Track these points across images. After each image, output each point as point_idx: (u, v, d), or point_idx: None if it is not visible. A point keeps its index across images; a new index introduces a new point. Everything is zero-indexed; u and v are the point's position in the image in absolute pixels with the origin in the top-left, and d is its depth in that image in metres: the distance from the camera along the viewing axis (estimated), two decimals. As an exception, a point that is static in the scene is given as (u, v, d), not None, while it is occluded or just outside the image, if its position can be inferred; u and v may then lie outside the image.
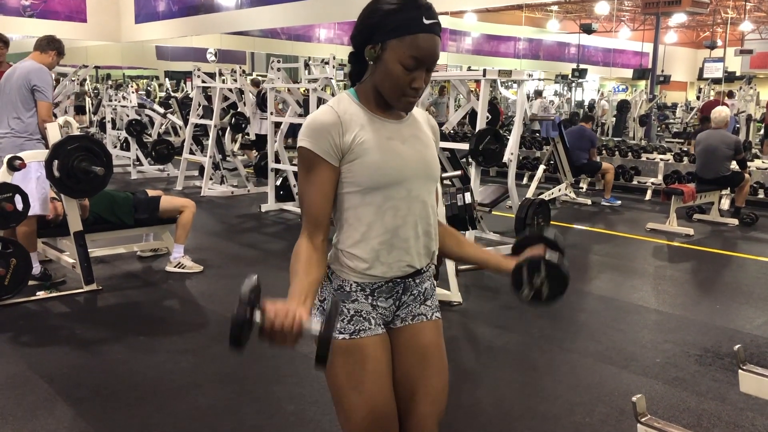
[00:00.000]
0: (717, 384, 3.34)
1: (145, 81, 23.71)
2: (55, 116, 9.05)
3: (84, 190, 4.26)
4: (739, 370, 2.24)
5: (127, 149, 10.16)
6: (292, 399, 3.09)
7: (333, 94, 7.12)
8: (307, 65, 7.18)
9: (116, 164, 8.49)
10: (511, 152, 5.65)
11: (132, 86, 11.22)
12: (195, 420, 2.93)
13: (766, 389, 2.16)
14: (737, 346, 2.25)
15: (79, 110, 12.12)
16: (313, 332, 1.34)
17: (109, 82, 18.46)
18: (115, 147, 10.70)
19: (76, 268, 4.58)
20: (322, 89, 7.06)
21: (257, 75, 23.20)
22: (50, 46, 4.84)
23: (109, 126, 10.75)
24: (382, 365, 1.61)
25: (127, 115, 10.07)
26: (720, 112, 7.19)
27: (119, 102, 10.31)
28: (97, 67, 15.48)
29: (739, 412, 3.05)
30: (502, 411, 3.06)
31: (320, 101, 7.10)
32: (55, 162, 4.24)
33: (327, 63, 7.06)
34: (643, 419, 1.87)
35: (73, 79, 11.02)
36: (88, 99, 13.47)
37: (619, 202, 8.49)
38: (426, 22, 1.48)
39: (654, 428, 1.85)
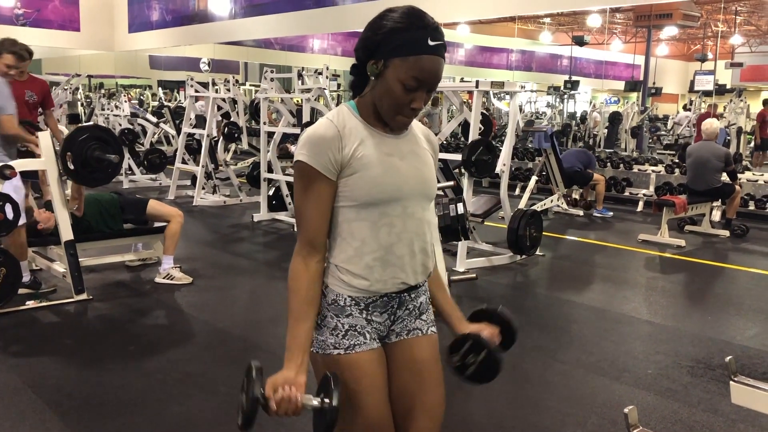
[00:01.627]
0: (709, 395, 3.34)
1: (138, 90, 23.67)
2: (47, 125, 9.00)
3: (99, 179, 4.21)
4: (731, 382, 2.24)
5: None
6: (283, 410, 3.07)
7: (327, 105, 7.13)
8: (300, 75, 7.18)
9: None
10: (503, 163, 5.66)
11: (124, 95, 11.19)
12: (186, 430, 2.90)
13: (758, 401, 2.16)
14: (729, 358, 2.24)
15: (73, 119, 12.06)
16: (311, 407, 1.46)
17: (102, 91, 18.44)
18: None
19: (66, 277, 4.55)
20: (315, 99, 7.06)
21: (251, 85, 23.25)
22: None
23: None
24: (378, 380, 1.59)
25: (120, 124, 10.04)
26: (710, 125, 7.24)
27: (112, 111, 10.28)
28: (90, 76, 15.43)
29: (731, 424, 3.05)
30: (494, 422, 3.05)
31: (313, 111, 7.11)
32: (69, 154, 4.24)
33: (320, 73, 7.06)
34: (635, 431, 1.86)
35: (65, 87, 11.01)
36: (81, 108, 13.44)
37: (611, 213, 8.52)
38: (431, 43, 1.46)
39: (646, 440, 1.84)
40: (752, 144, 14.21)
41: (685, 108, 18.38)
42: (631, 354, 3.92)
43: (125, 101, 10.00)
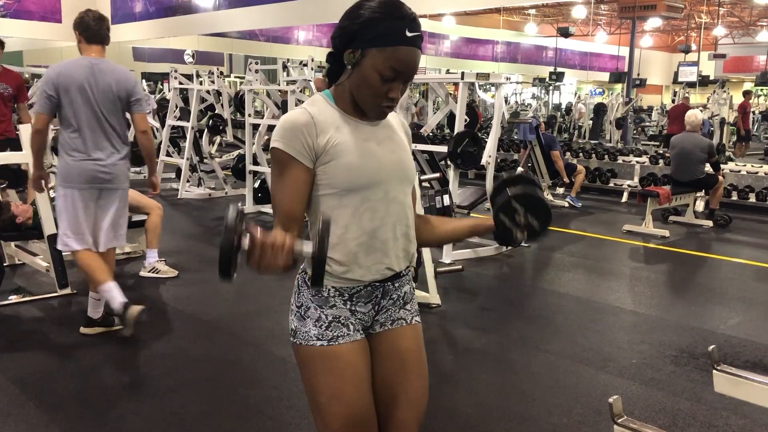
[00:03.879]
0: (692, 384, 3.37)
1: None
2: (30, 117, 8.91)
3: None
4: (714, 371, 2.26)
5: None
6: (269, 403, 3.07)
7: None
8: (285, 67, 7.15)
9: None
10: (489, 155, 5.67)
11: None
12: (171, 425, 2.89)
13: (740, 389, 2.18)
14: (711, 347, 2.26)
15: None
16: (305, 253, 1.32)
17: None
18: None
19: (50, 271, 4.51)
20: (300, 91, 7.03)
21: (235, 77, 23.10)
22: None
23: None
24: (361, 372, 1.58)
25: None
26: (694, 116, 7.28)
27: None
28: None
29: (714, 412, 3.08)
30: (480, 412, 3.06)
31: (299, 103, 7.08)
32: None
33: (305, 65, 7.03)
34: (619, 420, 1.88)
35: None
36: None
37: (581, 204, 8.53)
38: (409, 34, 1.46)
39: (630, 429, 1.86)
40: (735, 135, 14.34)
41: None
42: (615, 344, 3.95)
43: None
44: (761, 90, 24.13)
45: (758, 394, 2.15)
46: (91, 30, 3.63)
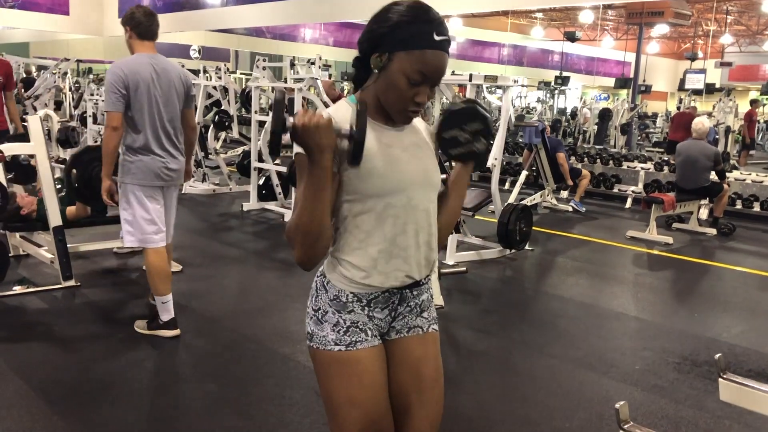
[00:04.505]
0: (695, 392, 3.37)
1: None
2: (35, 109, 8.93)
3: (100, 200, 4.06)
4: (720, 379, 2.25)
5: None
6: (271, 400, 3.07)
7: (319, 95, 7.09)
8: (293, 65, 7.14)
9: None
10: (495, 157, 5.67)
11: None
12: (173, 419, 2.89)
13: (746, 398, 2.17)
14: (718, 355, 2.26)
15: (56, 105, 11.96)
16: (343, 132, 1.41)
17: (91, 76, 18.25)
18: (96, 142, 10.56)
19: (54, 263, 4.51)
20: (307, 89, 7.03)
21: (241, 73, 23.09)
22: None
23: (90, 120, 10.61)
24: (379, 378, 1.58)
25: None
26: (701, 124, 7.28)
27: (101, 96, 10.17)
28: (78, 61, 15.25)
29: (717, 420, 3.08)
30: (482, 415, 3.06)
31: (305, 101, 7.08)
32: (74, 172, 4.22)
33: (313, 63, 7.03)
34: (625, 426, 1.87)
35: (53, 72, 10.91)
36: (68, 93, 13.29)
37: (585, 208, 8.53)
38: (437, 38, 1.46)
39: (636, 435, 1.86)
40: (739, 143, 14.31)
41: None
42: (618, 350, 3.95)
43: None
44: (767, 99, 24.10)
45: (765, 403, 2.14)
46: (143, 26, 3.59)
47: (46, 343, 3.66)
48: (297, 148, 1.50)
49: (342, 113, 1.53)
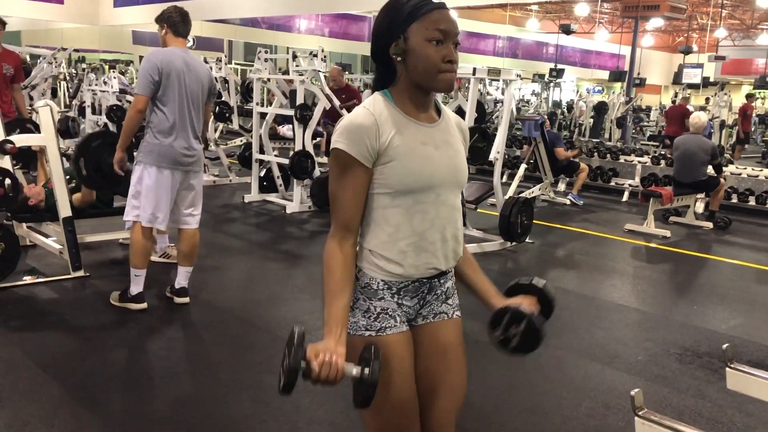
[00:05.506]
0: (697, 382, 3.46)
1: (120, 65, 23.36)
2: (32, 99, 8.88)
3: (111, 185, 4.19)
4: (727, 368, 2.33)
5: (107, 135, 10.04)
6: (286, 388, 3.13)
7: (321, 88, 7.13)
8: (295, 56, 7.17)
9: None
10: (497, 150, 5.74)
11: (115, 71, 11.05)
12: (192, 406, 2.95)
13: (753, 387, 2.26)
14: (725, 345, 2.33)
15: (52, 93, 11.93)
16: (353, 376, 1.49)
17: (83, 65, 18.17)
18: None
19: (63, 253, 4.56)
20: (310, 81, 7.06)
21: (236, 64, 23.02)
22: None
23: (88, 111, 10.60)
24: (407, 361, 1.64)
25: (108, 101, 9.93)
26: (698, 118, 7.36)
27: (99, 87, 10.17)
28: (74, 50, 15.21)
29: (719, 409, 3.17)
30: (492, 403, 3.14)
31: (307, 93, 7.11)
32: (82, 159, 4.29)
33: (315, 55, 7.06)
34: (640, 412, 1.95)
35: (50, 61, 10.87)
36: (63, 83, 13.26)
37: (582, 202, 8.62)
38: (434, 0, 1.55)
39: (651, 421, 1.93)
40: (733, 137, 14.44)
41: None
42: (621, 341, 4.03)
43: (114, 77, 9.87)
44: (759, 93, 24.25)
45: (770, 392, 2.23)
46: (179, 25, 3.92)
47: (60, 332, 3.71)
48: (335, 143, 1.55)
49: (379, 108, 1.57)
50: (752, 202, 8.37)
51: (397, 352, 1.62)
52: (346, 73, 16.50)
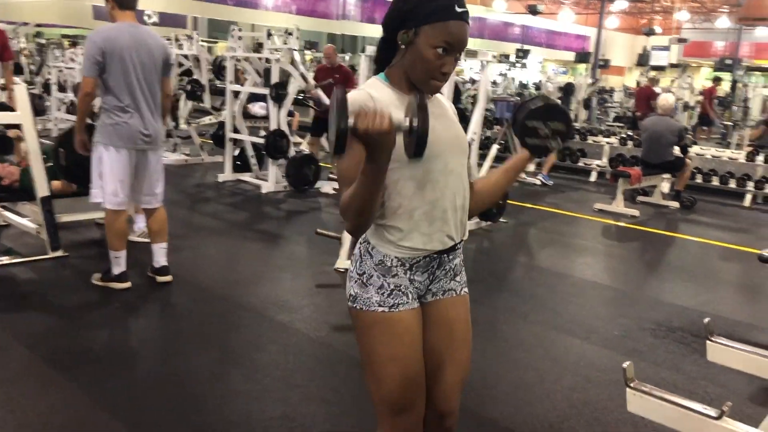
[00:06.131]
0: (672, 355, 3.60)
1: (82, 41, 22.77)
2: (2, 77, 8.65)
3: (90, 178, 4.08)
4: (708, 342, 2.46)
5: (74, 113, 9.84)
6: (277, 366, 3.18)
7: (296, 67, 7.09)
8: (270, 35, 7.12)
9: (63, 128, 8.27)
10: (474, 132, 5.80)
11: (80, 47, 10.81)
12: (184, 384, 2.97)
13: (733, 358, 2.38)
14: (706, 320, 2.46)
15: (16, 70, 11.62)
16: (403, 126, 1.43)
17: (41, 41, 17.65)
18: (59, 110, 10.35)
19: (40, 233, 4.50)
20: (286, 60, 7.02)
21: (201, 41, 22.59)
22: None
23: (54, 88, 10.38)
24: (417, 337, 1.70)
25: (75, 78, 9.73)
26: (666, 100, 7.54)
27: (66, 63, 9.95)
28: (37, 25, 14.79)
29: (693, 381, 3.31)
30: (478, 378, 3.22)
31: (282, 72, 7.07)
32: (62, 151, 4.22)
33: (290, 34, 7.02)
34: (632, 384, 2.05)
35: (10, 37, 10.59)
36: (24, 59, 12.90)
37: (552, 182, 8.77)
38: (458, 10, 1.57)
39: (642, 392, 2.03)
40: (693, 119, 14.74)
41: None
42: (596, 317, 4.16)
43: (82, 53, 9.66)
44: (720, 75, 24.75)
45: (749, 363, 2.36)
46: None
47: (45, 313, 3.68)
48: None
49: (376, 89, 1.63)
50: (716, 182, 8.62)
51: (409, 327, 1.68)
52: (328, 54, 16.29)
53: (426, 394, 1.76)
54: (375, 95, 1.61)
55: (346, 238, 4.57)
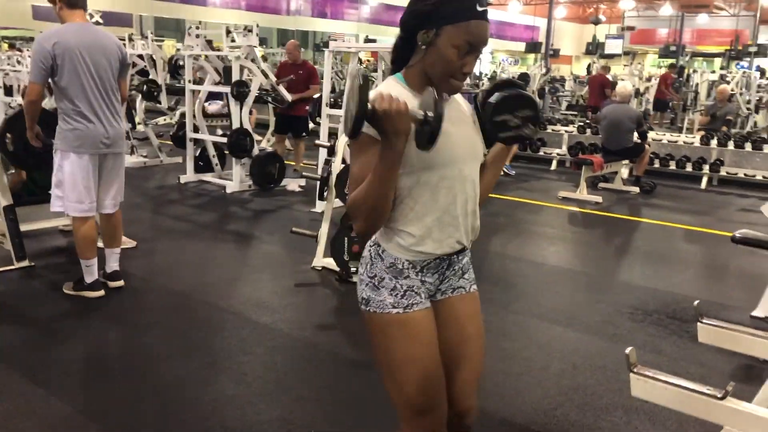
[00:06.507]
0: (651, 338, 3.68)
1: (21, 42, 22.03)
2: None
3: (39, 164, 3.95)
4: (698, 323, 2.50)
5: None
6: (266, 368, 3.14)
7: (258, 65, 6.99)
8: (228, 32, 6.99)
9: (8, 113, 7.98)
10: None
11: (26, 50, 10.45)
12: (172, 391, 2.90)
13: (723, 339, 2.44)
14: (696, 302, 2.51)
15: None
16: (418, 116, 1.43)
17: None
18: (6, 115, 9.98)
19: (4, 244, 4.34)
20: (246, 58, 6.91)
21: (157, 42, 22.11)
22: None
23: (0, 92, 10.00)
24: (432, 336, 1.69)
25: (23, 81, 9.40)
26: (624, 88, 7.69)
27: (13, 66, 9.60)
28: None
29: (674, 362, 3.39)
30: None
31: (242, 70, 6.97)
32: (9, 136, 4.04)
33: (250, 30, 6.91)
34: (635, 369, 2.07)
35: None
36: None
37: (514, 171, 8.89)
38: (479, 9, 1.55)
39: (645, 376, 2.06)
40: (644, 105, 15.09)
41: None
42: (575, 303, 4.23)
43: (29, 56, 9.34)
44: (663, 62, 25.41)
45: (741, 342, 2.41)
46: None
47: (17, 325, 3.55)
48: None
49: (394, 91, 1.58)
50: (673, 166, 8.84)
51: (424, 327, 1.67)
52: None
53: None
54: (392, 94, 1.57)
55: (323, 236, 4.53)
